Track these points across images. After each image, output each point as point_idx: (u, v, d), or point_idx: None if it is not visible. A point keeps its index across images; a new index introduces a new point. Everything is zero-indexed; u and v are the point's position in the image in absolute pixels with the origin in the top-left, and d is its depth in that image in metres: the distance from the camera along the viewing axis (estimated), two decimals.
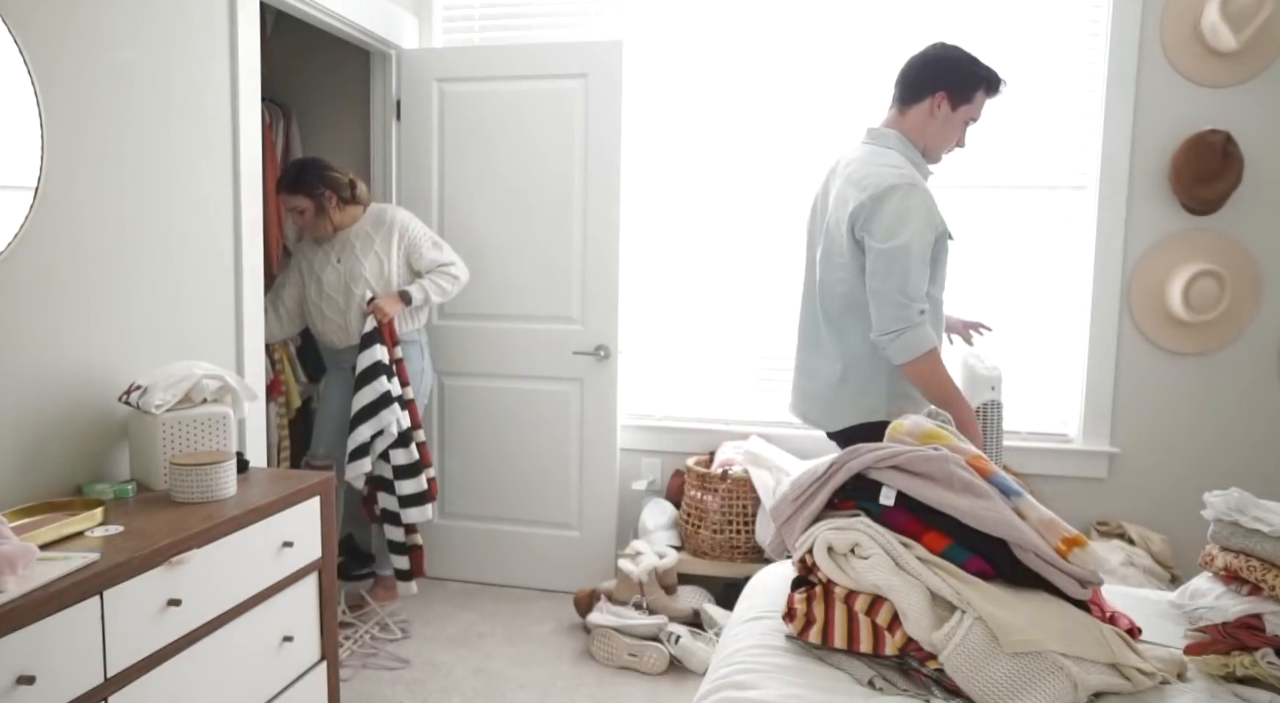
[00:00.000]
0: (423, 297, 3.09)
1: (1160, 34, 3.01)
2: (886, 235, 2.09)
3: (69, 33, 1.96)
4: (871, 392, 2.24)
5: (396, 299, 3.05)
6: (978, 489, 1.58)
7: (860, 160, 2.21)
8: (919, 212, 2.10)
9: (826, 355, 2.29)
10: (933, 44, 2.27)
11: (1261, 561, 1.51)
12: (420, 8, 3.55)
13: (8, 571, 1.39)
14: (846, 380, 2.25)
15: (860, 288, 2.17)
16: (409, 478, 3.07)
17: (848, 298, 2.21)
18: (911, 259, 2.08)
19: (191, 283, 2.36)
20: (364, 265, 3.09)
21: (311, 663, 2.16)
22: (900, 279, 2.08)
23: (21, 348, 1.87)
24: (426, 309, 3.24)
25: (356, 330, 3.12)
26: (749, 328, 3.46)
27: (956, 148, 2.33)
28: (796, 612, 1.59)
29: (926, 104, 2.23)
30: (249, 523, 1.89)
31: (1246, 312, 3.04)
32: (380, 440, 3.00)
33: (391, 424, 2.98)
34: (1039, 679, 1.38)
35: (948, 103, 2.23)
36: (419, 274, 3.16)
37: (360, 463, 2.96)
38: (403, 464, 3.06)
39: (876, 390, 2.24)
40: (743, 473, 3.10)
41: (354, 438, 2.94)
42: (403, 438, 3.04)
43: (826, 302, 2.27)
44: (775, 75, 3.33)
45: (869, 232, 2.11)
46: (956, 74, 2.22)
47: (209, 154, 2.41)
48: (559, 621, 3.20)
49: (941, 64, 2.23)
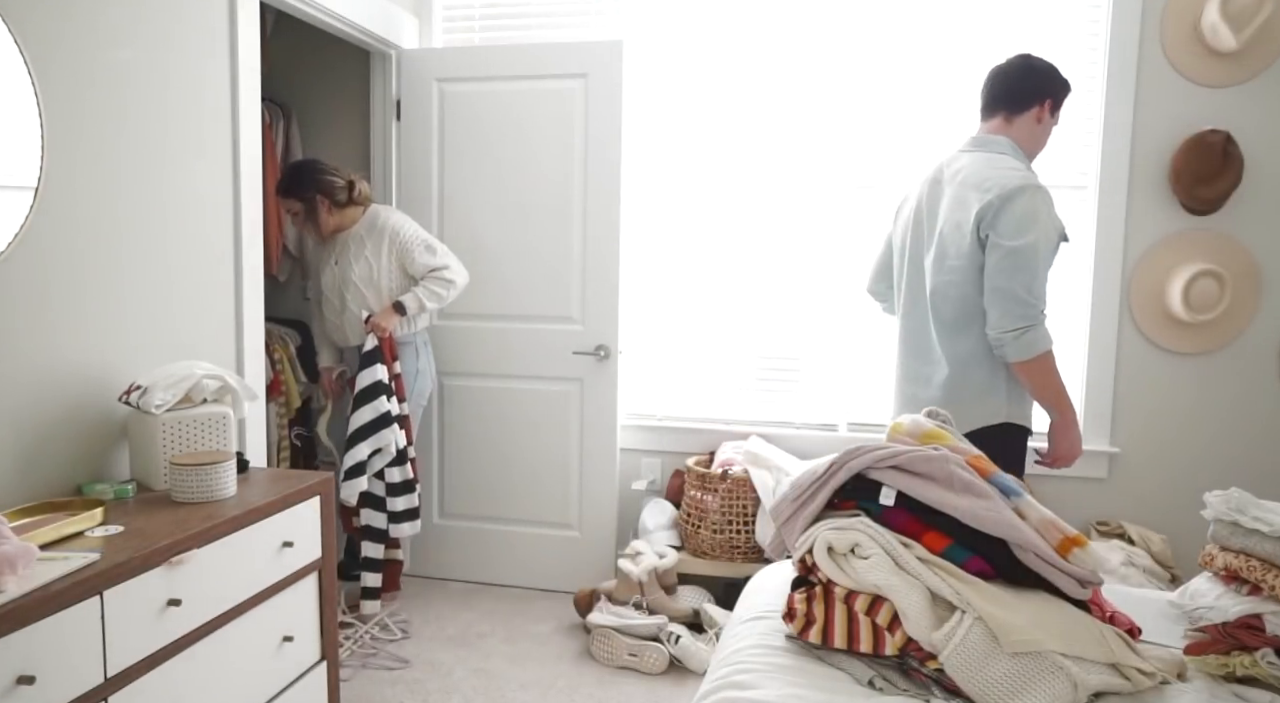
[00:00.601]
0: (417, 306, 3.07)
1: (1160, 34, 3.02)
2: (1015, 234, 2.12)
3: (69, 33, 1.96)
4: (991, 393, 2.26)
5: (391, 312, 3.05)
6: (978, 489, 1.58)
7: (976, 165, 2.26)
8: (1045, 212, 2.16)
9: (938, 361, 2.32)
10: (1023, 55, 2.36)
11: (1261, 561, 1.51)
12: (420, 8, 3.55)
13: (8, 571, 1.39)
14: (964, 384, 2.27)
15: (976, 290, 2.20)
16: (402, 495, 3.09)
17: (963, 301, 2.24)
18: (1039, 258, 2.13)
19: (191, 283, 2.36)
20: (354, 269, 3.09)
21: (311, 663, 2.16)
22: (1027, 277, 2.13)
23: (22, 348, 1.87)
24: (426, 315, 3.23)
25: (351, 333, 3.13)
26: (749, 328, 3.46)
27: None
28: (796, 612, 1.59)
29: (1034, 112, 2.32)
30: (249, 523, 1.89)
31: (1246, 312, 3.04)
32: (378, 459, 3.00)
33: (390, 444, 2.98)
34: (1039, 679, 1.38)
35: (1050, 110, 2.34)
36: (415, 278, 3.13)
37: (357, 481, 2.94)
38: (397, 482, 3.07)
39: (996, 391, 2.26)
40: (743, 473, 3.10)
41: (351, 456, 2.93)
42: (399, 456, 3.05)
43: (939, 306, 2.29)
44: (775, 75, 3.33)
45: (995, 229, 2.15)
46: (1055, 83, 2.33)
47: (209, 154, 2.41)
48: (559, 621, 3.20)
49: (1044, 74, 2.33)
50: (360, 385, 2.95)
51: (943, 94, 3.21)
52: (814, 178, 3.35)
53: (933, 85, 3.22)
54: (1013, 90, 2.32)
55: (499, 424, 3.48)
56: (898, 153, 3.27)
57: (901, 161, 3.26)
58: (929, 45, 3.20)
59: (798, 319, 3.41)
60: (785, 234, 3.38)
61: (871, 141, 3.28)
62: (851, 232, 3.33)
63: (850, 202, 3.33)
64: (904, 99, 3.24)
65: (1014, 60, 2.35)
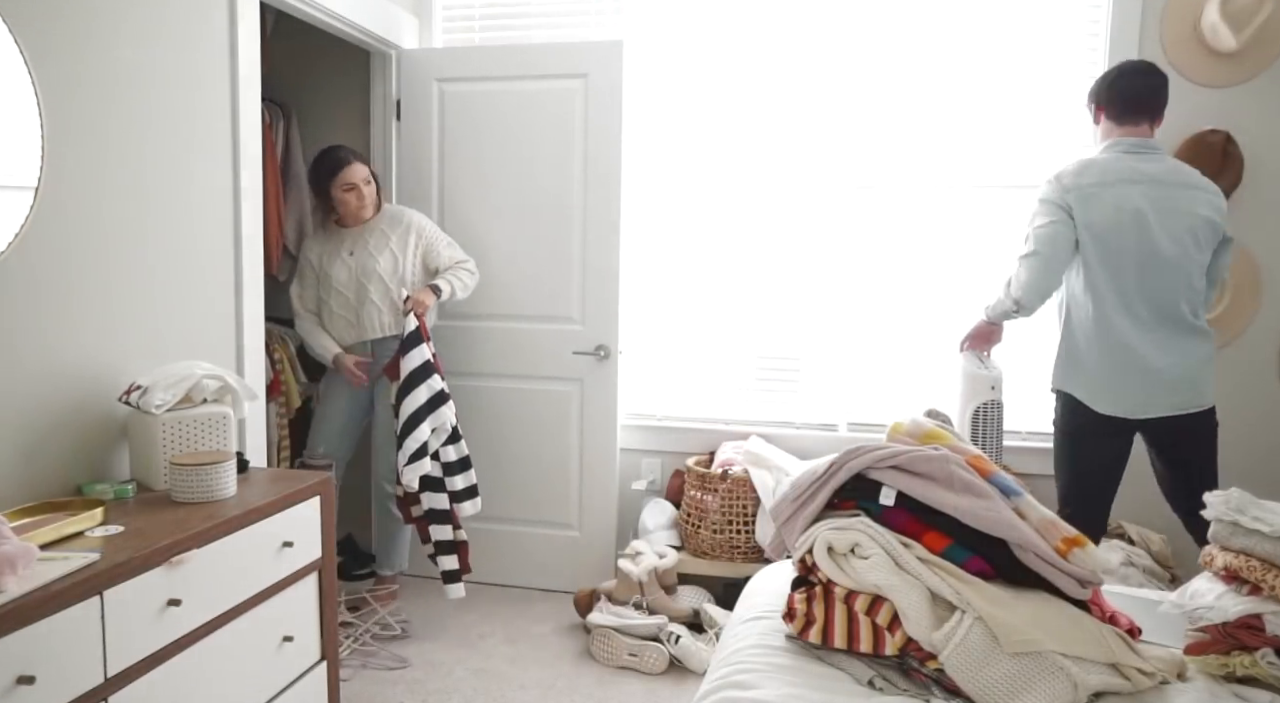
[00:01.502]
0: (449, 290, 3.11)
1: (1160, 34, 3.02)
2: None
3: (69, 32, 1.96)
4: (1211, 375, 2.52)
5: (429, 291, 3.06)
6: (978, 489, 1.58)
7: (1182, 167, 2.51)
8: None
9: (1180, 348, 2.47)
10: (1152, 63, 2.57)
11: (1261, 561, 1.51)
12: (420, 8, 3.55)
13: (8, 570, 1.39)
14: (1208, 364, 2.50)
15: (1201, 276, 2.50)
16: (460, 473, 3.04)
17: (1199, 291, 2.51)
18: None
19: (191, 283, 2.36)
20: (378, 262, 3.11)
21: (311, 663, 2.16)
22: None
23: (21, 348, 1.87)
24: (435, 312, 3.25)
25: (370, 325, 3.13)
26: (749, 328, 3.46)
27: None
28: (796, 612, 1.59)
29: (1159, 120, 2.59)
30: (249, 523, 1.89)
31: (1246, 312, 3.04)
32: (434, 439, 2.94)
33: (447, 421, 2.95)
34: (1039, 679, 1.38)
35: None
36: (435, 273, 3.18)
37: (420, 463, 2.89)
38: (453, 460, 3.02)
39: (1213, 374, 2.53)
40: (743, 473, 3.10)
41: (414, 438, 2.87)
42: (454, 433, 3.01)
43: (1191, 296, 2.48)
44: (775, 75, 3.33)
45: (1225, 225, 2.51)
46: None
47: (209, 154, 2.41)
48: (559, 621, 3.20)
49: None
50: (410, 367, 2.90)
51: (942, 94, 3.21)
52: (813, 178, 3.35)
53: (932, 85, 3.22)
54: (1161, 101, 2.54)
55: (499, 424, 3.48)
56: (897, 153, 3.27)
57: (901, 162, 3.26)
58: (928, 45, 3.20)
59: (798, 319, 3.41)
60: (785, 234, 3.38)
61: (871, 142, 3.28)
62: (851, 232, 3.33)
63: (850, 202, 3.33)
64: (903, 99, 3.24)
65: (1157, 69, 2.53)
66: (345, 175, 3.10)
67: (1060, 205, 2.49)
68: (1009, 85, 3.17)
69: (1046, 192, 2.53)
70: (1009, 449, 3.11)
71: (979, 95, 3.19)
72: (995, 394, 2.89)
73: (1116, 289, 2.46)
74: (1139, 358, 2.45)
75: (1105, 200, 2.45)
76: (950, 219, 3.25)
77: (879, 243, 3.32)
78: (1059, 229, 2.48)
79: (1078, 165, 2.51)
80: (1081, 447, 2.56)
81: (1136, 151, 2.49)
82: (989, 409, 2.89)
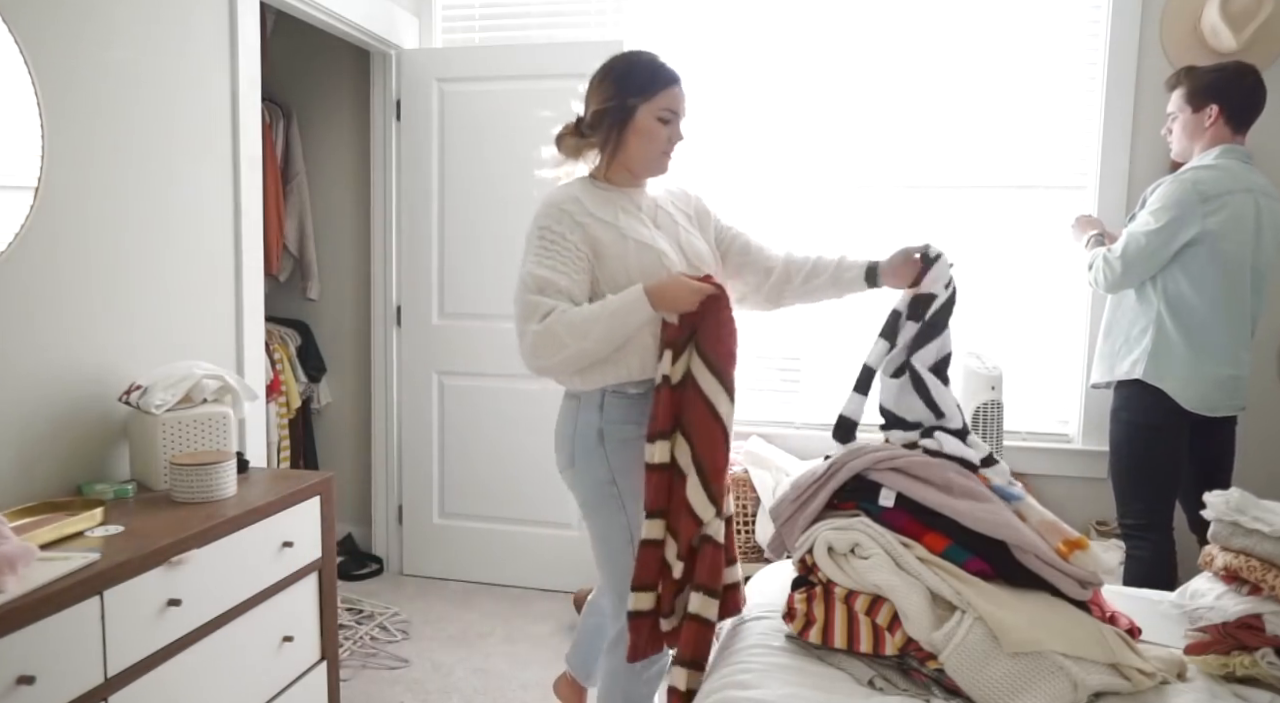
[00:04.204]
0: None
1: (1160, 34, 3.01)
2: None
3: (69, 33, 1.96)
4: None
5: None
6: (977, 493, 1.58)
7: (1264, 181, 2.55)
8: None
9: (1248, 351, 2.59)
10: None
11: (1261, 561, 1.51)
12: (420, 8, 3.55)
13: (8, 571, 1.39)
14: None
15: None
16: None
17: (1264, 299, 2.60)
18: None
19: (191, 283, 2.36)
20: (700, 243, 2.06)
21: (311, 663, 2.16)
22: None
23: (22, 348, 1.87)
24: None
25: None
26: (749, 328, 3.45)
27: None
28: (796, 612, 1.59)
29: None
30: (249, 523, 1.89)
31: None
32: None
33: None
34: (1039, 679, 1.38)
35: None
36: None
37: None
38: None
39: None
40: (743, 473, 3.10)
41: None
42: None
43: (1261, 303, 2.57)
44: (775, 75, 3.33)
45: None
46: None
47: (209, 154, 2.41)
48: (559, 621, 3.20)
49: None
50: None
51: (936, 93, 3.21)
52: (812, 177, 3.35)
53: (929, 85, 3.21)
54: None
55: (499, 424, 3.48)
56: (896, 153, 3.27)
57: (900, 162, 3.26)
58: (926, 45, 3.20)
59: (798, 319, 3.41)
60: (784, 234, 3.38)
61: (870, 142, 3.28)
62: (850, 232, 3.33)
63: (849, 202, 3.32)
64: (903, 99, 3.24)
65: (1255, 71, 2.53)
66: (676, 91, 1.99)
67: (1192, 212, 2.43)
68: (1008, 85, 3.16)
69: (1179, 194, 2.44)
70: (1009, 449, 3.11)
71: (976, 95, 3.18)
72: (995, 394, 2.90)
73: (1226, 295, 2.49)
74: (1232, 362, 2.53)
75: (1231, 209, 2.46)
76: (949, 219, 3.25)
77: (879, 243, 3.31)
78: (1178, 234, 2.45)
79: (1210, 173, 2.47)
80: (1162, 440, 2.58)
81: (1247, 161, 2.53)
82: (989, 409, 2.89)
